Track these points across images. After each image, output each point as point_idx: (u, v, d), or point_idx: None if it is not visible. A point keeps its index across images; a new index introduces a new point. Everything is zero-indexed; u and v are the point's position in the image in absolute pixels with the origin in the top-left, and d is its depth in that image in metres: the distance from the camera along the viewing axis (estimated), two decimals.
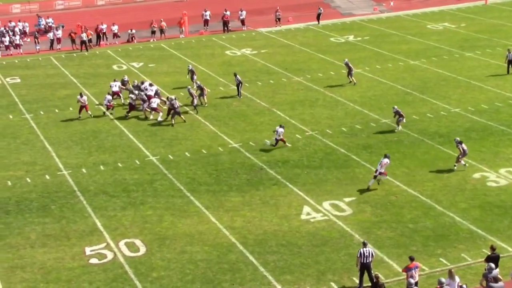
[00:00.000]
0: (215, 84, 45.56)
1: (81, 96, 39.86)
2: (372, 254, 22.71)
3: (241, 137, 36.53)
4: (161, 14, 63.88)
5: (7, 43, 56.60)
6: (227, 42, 57.33)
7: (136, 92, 40.48)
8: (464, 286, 21.01)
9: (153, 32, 59.06)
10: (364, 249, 22.72)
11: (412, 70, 47.47)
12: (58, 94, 45.04)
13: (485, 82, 43.94)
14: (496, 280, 20.57)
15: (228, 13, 61.11)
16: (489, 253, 22.61)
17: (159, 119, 39.13)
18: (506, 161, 32.15)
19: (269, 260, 24.94)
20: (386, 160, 29.99)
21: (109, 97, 40.38)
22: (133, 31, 58.95)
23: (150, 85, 41.64)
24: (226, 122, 38.86)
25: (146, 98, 39.85)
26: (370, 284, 22.45)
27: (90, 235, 27.09)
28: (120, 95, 41.80)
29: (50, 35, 57.22)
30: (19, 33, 58.31)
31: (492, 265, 21.32)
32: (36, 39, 56.36)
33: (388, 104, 40.44)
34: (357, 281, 23.05)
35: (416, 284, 21.71)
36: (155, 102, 39.49)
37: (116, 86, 41.90)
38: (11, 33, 57.67)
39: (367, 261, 22.63)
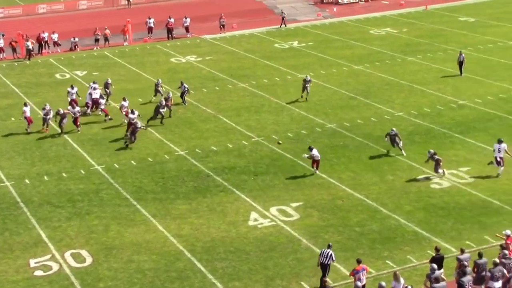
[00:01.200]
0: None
1: (25, 105, 39.22)
2: (331, 256, 22.81)
3: (187, 145, 36.38)
4: (104, 22, 63.19)
5: None
6: (171, 50, 57.09)
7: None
8: (409, 287, 21.31)
9: (97, 40, 58.35)
10: (325, 249, 23.05)
11: (356, 75, 48.04)
12: None
13: (427, 86, 44.74)
14: (437, 280, 20.92)
15: (172, 20, 60.89)
16: (434, 254, 22.99)
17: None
18: (448, 163, 32.67)
19: (217, 267, 24.89)
20: (504, 145, 30.95)
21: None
22: (76, 39, 58.15)
23: (94, 88, 41.46)
24: (172, 130, 38.65)
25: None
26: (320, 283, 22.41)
27: (35, 246, 26.60)
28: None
29: None
30: None
31: (435, 266, 21.69)
32: None
33: (333, 109, 40.88)
34: (306, 286, 23.18)
35: (363, 287, 21.96)
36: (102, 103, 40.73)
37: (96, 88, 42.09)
38: None
39: (325, 261, 22.87)
